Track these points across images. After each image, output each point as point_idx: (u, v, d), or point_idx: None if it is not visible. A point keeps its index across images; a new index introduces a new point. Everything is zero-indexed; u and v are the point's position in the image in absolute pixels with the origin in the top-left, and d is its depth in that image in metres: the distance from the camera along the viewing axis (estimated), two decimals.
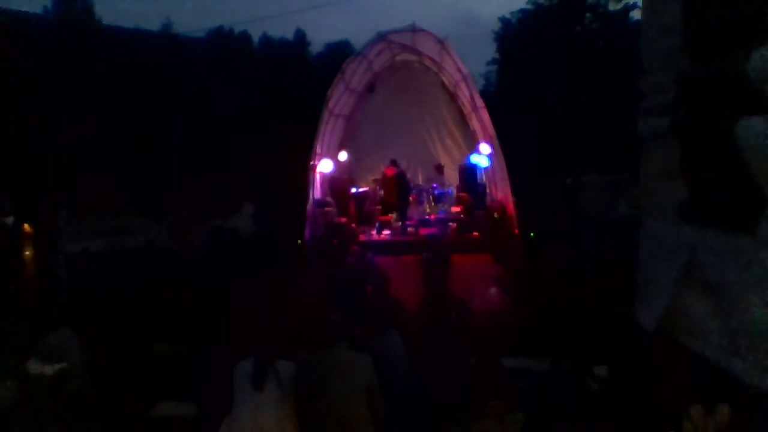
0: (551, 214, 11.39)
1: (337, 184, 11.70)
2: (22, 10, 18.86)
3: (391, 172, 10.74)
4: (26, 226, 8.24)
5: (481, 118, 10.63)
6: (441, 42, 10.14)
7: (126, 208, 12.64)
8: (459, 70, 10.48)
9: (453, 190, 11.96)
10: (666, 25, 2.53)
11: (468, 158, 11.67)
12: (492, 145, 10.32)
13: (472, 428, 2.65)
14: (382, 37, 10.71)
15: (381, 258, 8.19)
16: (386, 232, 10.58)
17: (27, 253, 8.21)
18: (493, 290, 6.91)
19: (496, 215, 9.74)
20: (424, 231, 10.17)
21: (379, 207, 11.36)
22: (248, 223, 14.03)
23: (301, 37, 32.00)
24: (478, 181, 11.79)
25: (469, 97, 10.88)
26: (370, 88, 12.76)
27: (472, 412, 2.68)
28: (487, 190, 11.52)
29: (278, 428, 3.16)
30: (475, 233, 9.89)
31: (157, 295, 7.16)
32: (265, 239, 12.08)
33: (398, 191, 10.62)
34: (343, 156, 12.30)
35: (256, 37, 30.49)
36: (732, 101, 2.01)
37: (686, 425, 2.86)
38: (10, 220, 8.08)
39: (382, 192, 11.38)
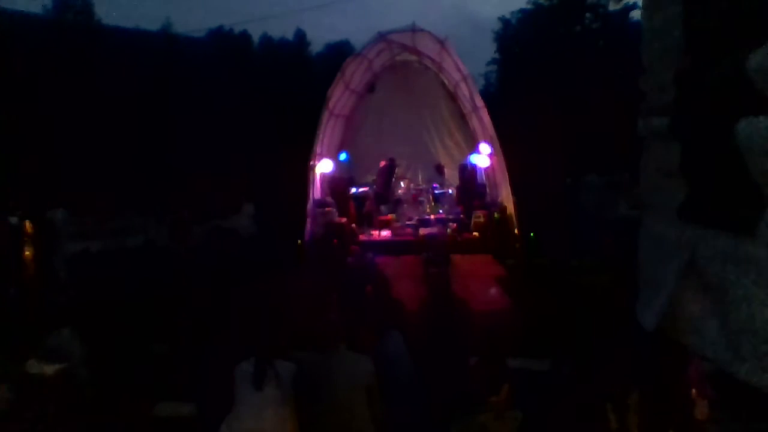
0: (551, 214, 11.39)
1: (336, 184, 11.71)
2: (22, 10, 18.83)
3: (383, 163, 11.87)
4: (27, 226, 8.24)
5: (481, 118, 10.63)
6: (441, 42, 10.14)
7: (126, 208, 12.63)
8: (459, 70, 10.48)
9: (453, 190, 11.96)
10: (666, 25, 2.53)
11: (468, 158, 11.67)
12: (492, 145, 10.31)
13: (471, 422, 2.66)
14: (382, 37, 10.72)
15: (381, 258, 8.18)
16: (385, 232, 10.59)
17: (27, 253, 8.21)
18: (493, 290, 6.89)
19: (496, 215, 9.74)
20: (424, 231, 10.17)
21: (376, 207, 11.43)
22: (248, 223, 14.02)
23: (301, 37, 32.05)
24: (478, 181, 11.80)
25: (469, 97, 10.88)
26: (370, 88, 12.76)
27: (473, 407, 2.69)
28: (487, 190, 11.53)
29: (278, 429, 3.16)
30: (475, 233, 9.88)
31: (157, 295, 7.16)
32: (265, 239, 12.08)
33: (385, 179, 11.80)
34: (343, 156, 12.33)
35: (256, 37, 30.53)
36: (732, 101, 2.01)
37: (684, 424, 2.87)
38: (14, 219, 8.07)
39: (375, 187, 11.91)
